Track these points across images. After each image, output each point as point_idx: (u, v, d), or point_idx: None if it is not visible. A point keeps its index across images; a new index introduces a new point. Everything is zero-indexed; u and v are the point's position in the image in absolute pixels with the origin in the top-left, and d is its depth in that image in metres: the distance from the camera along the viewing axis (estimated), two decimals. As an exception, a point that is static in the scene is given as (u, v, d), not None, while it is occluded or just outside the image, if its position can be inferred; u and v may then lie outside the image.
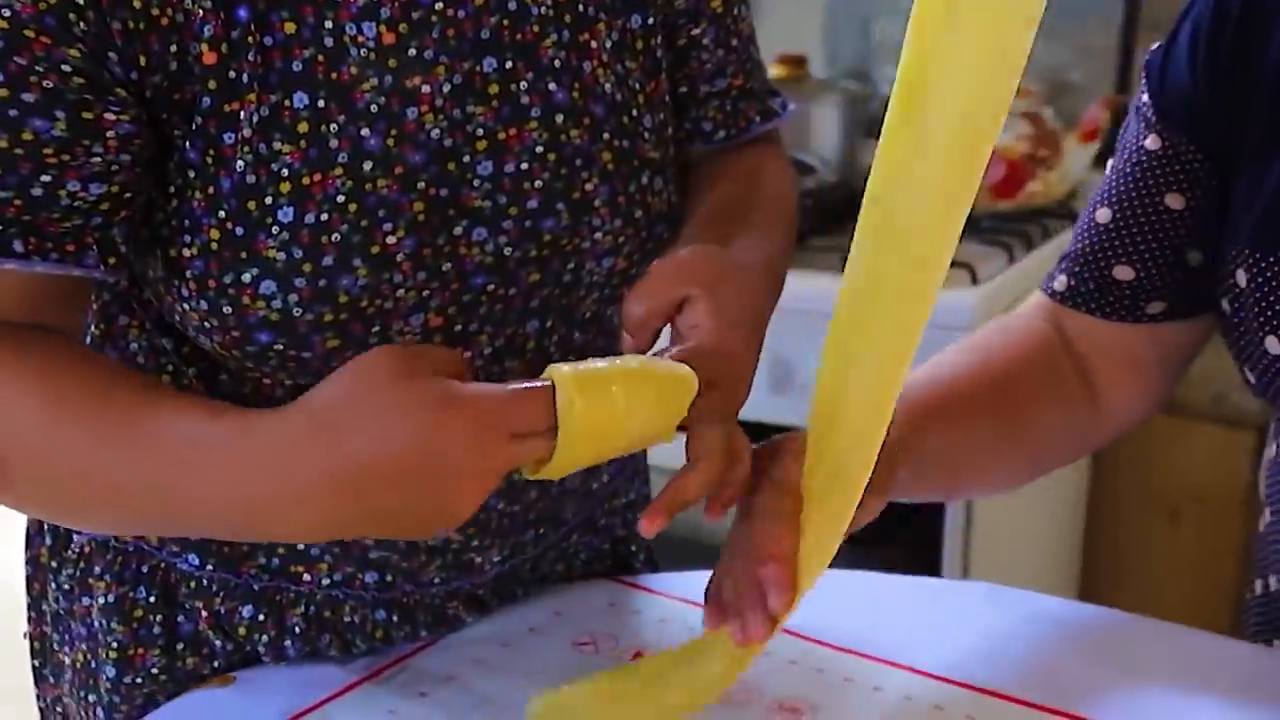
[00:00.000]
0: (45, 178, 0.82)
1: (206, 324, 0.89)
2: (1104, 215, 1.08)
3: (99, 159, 0.84)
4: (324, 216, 0.87)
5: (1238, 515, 2.48)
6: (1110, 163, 1.09)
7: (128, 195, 0.86)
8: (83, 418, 0.83)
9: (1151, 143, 1.05)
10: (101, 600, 1.05)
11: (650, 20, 1.01)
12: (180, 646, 1.06)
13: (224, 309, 0.88)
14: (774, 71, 2.40)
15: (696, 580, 1.17)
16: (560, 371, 0.79)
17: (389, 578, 1.05)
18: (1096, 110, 2.22)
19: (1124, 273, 1.07)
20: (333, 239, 0.87)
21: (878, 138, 2.34)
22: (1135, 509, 2.55)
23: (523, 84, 0.93)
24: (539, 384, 0.79)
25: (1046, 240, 2.16)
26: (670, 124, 1.04)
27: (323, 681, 1.04)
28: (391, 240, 0.89)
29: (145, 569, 1.05)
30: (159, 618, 1.05)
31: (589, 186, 0.96)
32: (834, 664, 1.05)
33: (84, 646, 1.07)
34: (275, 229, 0.86)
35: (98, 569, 1.05)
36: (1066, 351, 1.12)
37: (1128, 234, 1.06)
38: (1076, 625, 1.11)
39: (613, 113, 0.97)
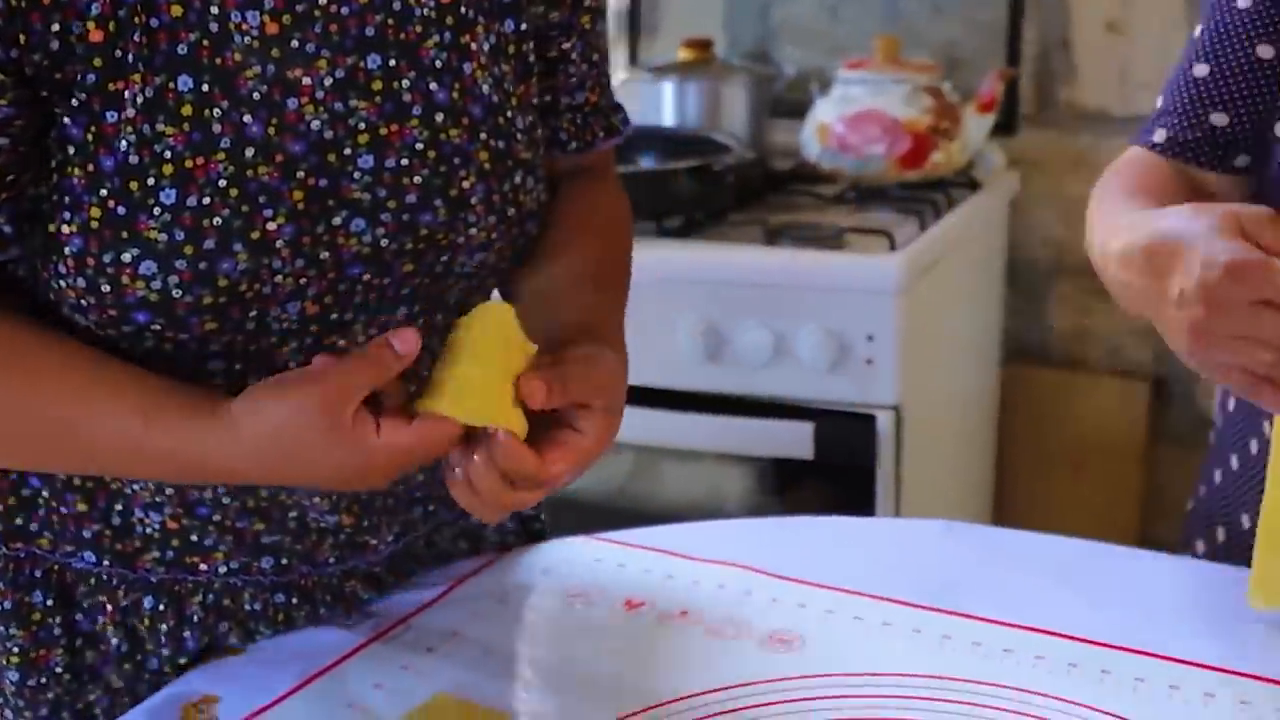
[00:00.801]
0: None
1: (83, 302, 0.90)
2: (1201, 70, 1.18)
3: None
4: (206, 200, 0.89)
5: (1137, 465, 2.58)
6: (1198, 28, 1.20)
7: (10, 178, 0.88)
8: (16, 417, 0.92)
9: (1243, 2, 1.16)
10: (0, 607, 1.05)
11: (524, 26, 1.03)
12: (79, 643, 1.06)
13: (102, 288, 0.89)
14: (681, 54, 2.47)
15: (670, 533, 1.25)
16: (436, 406, 0.88)
17: (285, 561, 1.07)
18: (992, 82, 2.31)
19: (1220, 119, 1.18)
20: (214, 222, 0.89)
21: (784, 116, 2.42)
22: (1040, 461, 2.64)
23: (405, 82, 0.95)
24: (430, 423, 0.88)
25: (953, 207, 2.25)
26: (539, 126, 1.07)
27: (331, 646, 1.07)
28: (271, 226, 0.91)
29: (39, 574, 1.05)
30: (58, 619, 1.05)
31: (466, 184, 0.98)
32: (814, 599, 1.12)
33: None
34: (157, 210, 0.88)
35: None
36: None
37: (1223, 82, 1.17)
38: (1033, 551, 1.20)
39: (490, 114, 0.99)
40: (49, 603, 1.05)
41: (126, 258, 0.88)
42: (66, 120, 0.87)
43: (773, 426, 2.01)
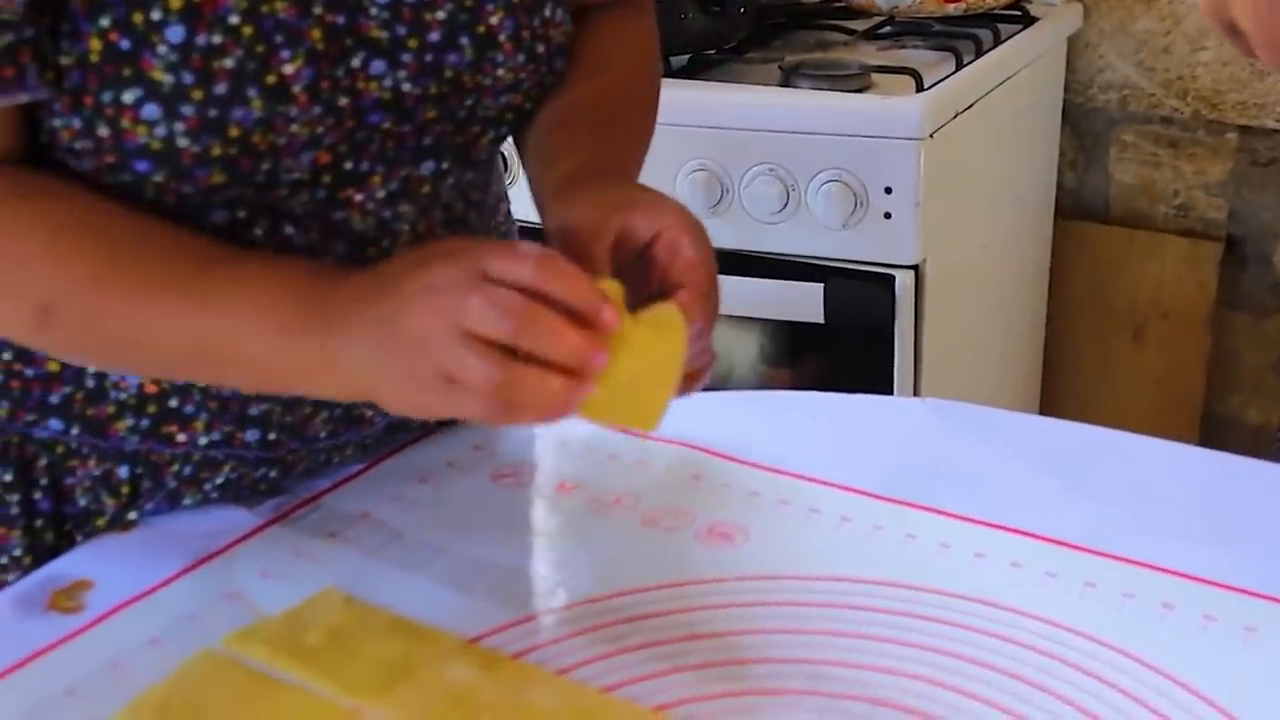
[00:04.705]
0: None
1: (77, 145, 0.85)
2: None
3: None
4: (216, 39, 0.82)
5: (1202, 331, 2.47)
6: None
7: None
8: (134, 282, 0.84)
9: None
10: None
11: None
12: (39, 524, 1.01)
13: (99, 130, 0.84)
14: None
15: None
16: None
17: (271, 435, 1.00)
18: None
19: None
20: (226, 65, 0.83)
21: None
22: (1096, 327, 2.54)
23: None
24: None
25: (998, 44, 2.10)
26: None
27: (228, 527, 0.99)
28: (289, 70, 0.85)
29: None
30: (16, 498, 1.00)
31: (494, 20, 0.93)
32: (769, 486, 1.01)
33: None
34: (162, 48, 0.82)
35: None
36: None
37: None
38: (1027, 437, 1.08)
39: None
40: (7, 479, 0.99)
41: (128, 98, 0.83)
42: None
43: (779, 287, 1.89)
